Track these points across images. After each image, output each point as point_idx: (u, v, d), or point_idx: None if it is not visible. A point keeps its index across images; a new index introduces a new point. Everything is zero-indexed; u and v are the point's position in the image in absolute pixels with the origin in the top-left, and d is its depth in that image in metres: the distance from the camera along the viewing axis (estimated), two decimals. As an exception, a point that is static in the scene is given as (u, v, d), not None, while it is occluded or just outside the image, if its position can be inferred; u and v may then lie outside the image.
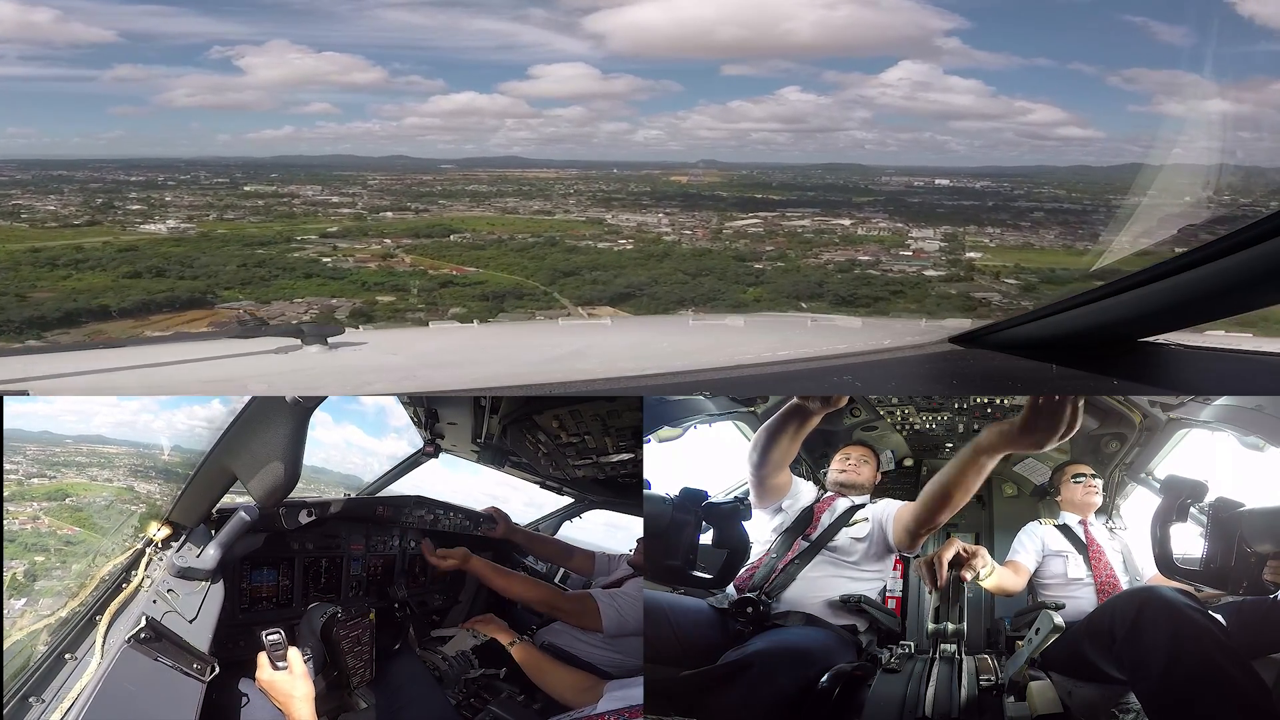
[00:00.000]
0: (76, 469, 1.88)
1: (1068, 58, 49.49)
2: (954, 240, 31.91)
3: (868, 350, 2.20)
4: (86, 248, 30.31)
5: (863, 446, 2.56)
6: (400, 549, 3.10)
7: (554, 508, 3.91)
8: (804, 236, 33.32)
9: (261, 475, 1.66)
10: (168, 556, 1.72)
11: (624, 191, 38.59)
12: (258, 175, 38.55)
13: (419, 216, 36.21)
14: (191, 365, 2.14)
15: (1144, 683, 1.63)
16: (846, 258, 31.35)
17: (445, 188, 39.44)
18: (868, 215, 34.62)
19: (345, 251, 32.30)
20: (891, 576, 2.38)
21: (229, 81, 46.84)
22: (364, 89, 52.01)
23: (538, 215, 36.82)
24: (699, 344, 2.69)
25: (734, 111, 49.65)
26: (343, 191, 37.59)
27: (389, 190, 38.50)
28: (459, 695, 2.53)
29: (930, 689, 1.89)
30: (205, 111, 54.14)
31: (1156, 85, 37.56)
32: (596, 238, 33.83)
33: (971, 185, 37.40)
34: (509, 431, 2.97)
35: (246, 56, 45.26)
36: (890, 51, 50.56)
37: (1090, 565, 2.33)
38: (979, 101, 45.19)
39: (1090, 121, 48.95)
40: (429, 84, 48.57)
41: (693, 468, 2.39)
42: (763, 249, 32.45)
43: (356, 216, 35.74)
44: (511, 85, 55.82)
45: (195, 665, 1.54)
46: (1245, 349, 2.08)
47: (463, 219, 36.09)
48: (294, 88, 51.66)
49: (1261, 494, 1.99)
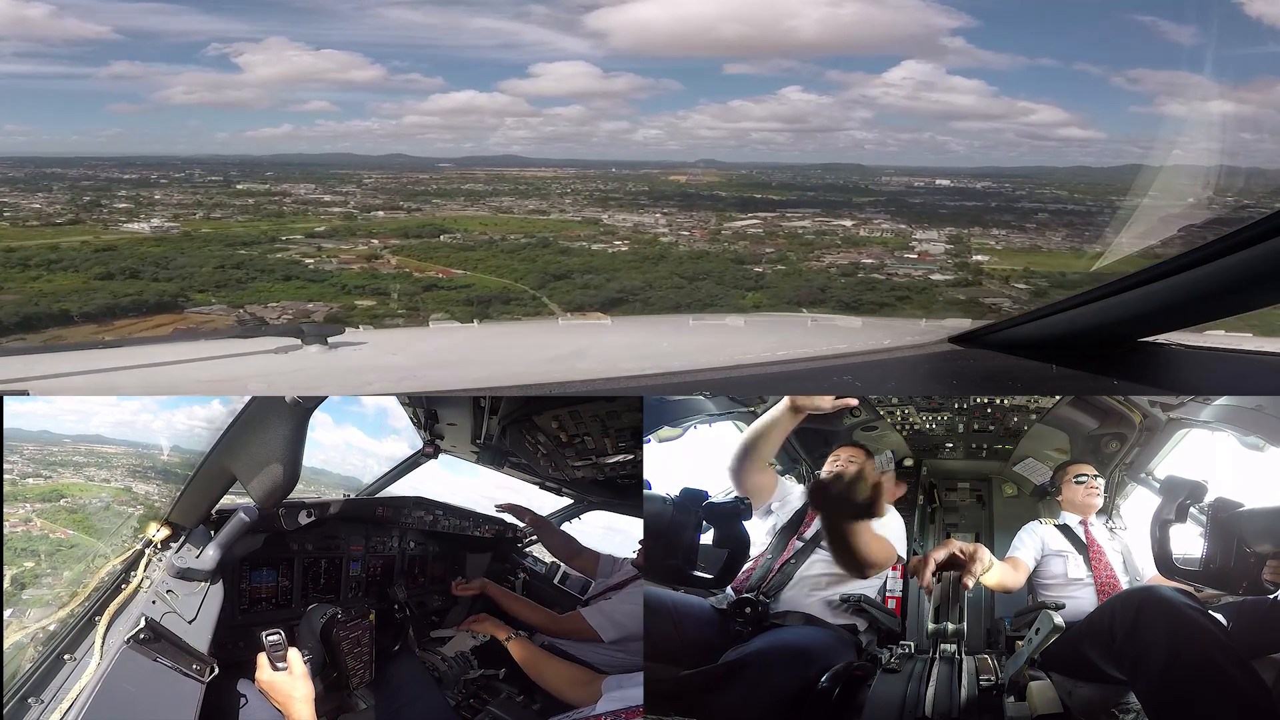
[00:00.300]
0: (74, 469, 1.88)
1: (1073, 58, 49.00)
2: (959, 242, 31.13)
3: (867, 350, 2.20)
4: (63, 247, 29.67)
5: (853, 447, 2.56)
6: (400, 550, 3.10)
7: (553, 509, 3.91)
8: (804, 238, 32.63)
9: (261, 476, 1.66)
10: (167, 557, 1.72)
11: (621, 191, 37.99)
12: (253, 173, 38.04)
13: (411, 216, 35.68)
14: (191, 365, 2.14)
15: (1143, 682, 1.63)
16: (849, 260, 30.60)
17: (440, 186, 38.93)
18: (869, 216, 34.01)
19: (330, 252, 31.61)
20: (891, 576, 2.38)
21: (227, 79, 46.12)
22: (362, 87, 51.64)
23: (533, 215, 36.21)
24: (699, 344, 2.68)
25: (735, 111, 49.38)
26: (336, 190, 37.02)
27: (384, 189, 38.03)
28: (458, 696, 2.54)
29: (930, 689, 1.89)
30: (203, 109, 53.80)
31: (1160, 86, 37.28)
32: (591, 239, 33.16)
33: (973, 186, 36.95)
34: (508, 432, 2.97)
35: (245, 54, 44.63)
36: (895, 50, 50.00)
37: (1090, 565, 2.33)
38: (981, 101, 44.93)
39: (1091, 122, 48.64)
40: (428, 81, 48.12)
41: (693, 468, 2.39)
42: (762, 250, 31.75)
43: (347, 215, 35.13)
44: (511, 84, 55.32)
45: (194, 666, 1.54)
46: (1245, 349, 2.08)
47: (455, 218, 35.53)
48: (292, 85, 51.07)
49: (1262, 494, 1.99)
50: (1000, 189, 36.10)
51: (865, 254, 30.88)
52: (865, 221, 33.52)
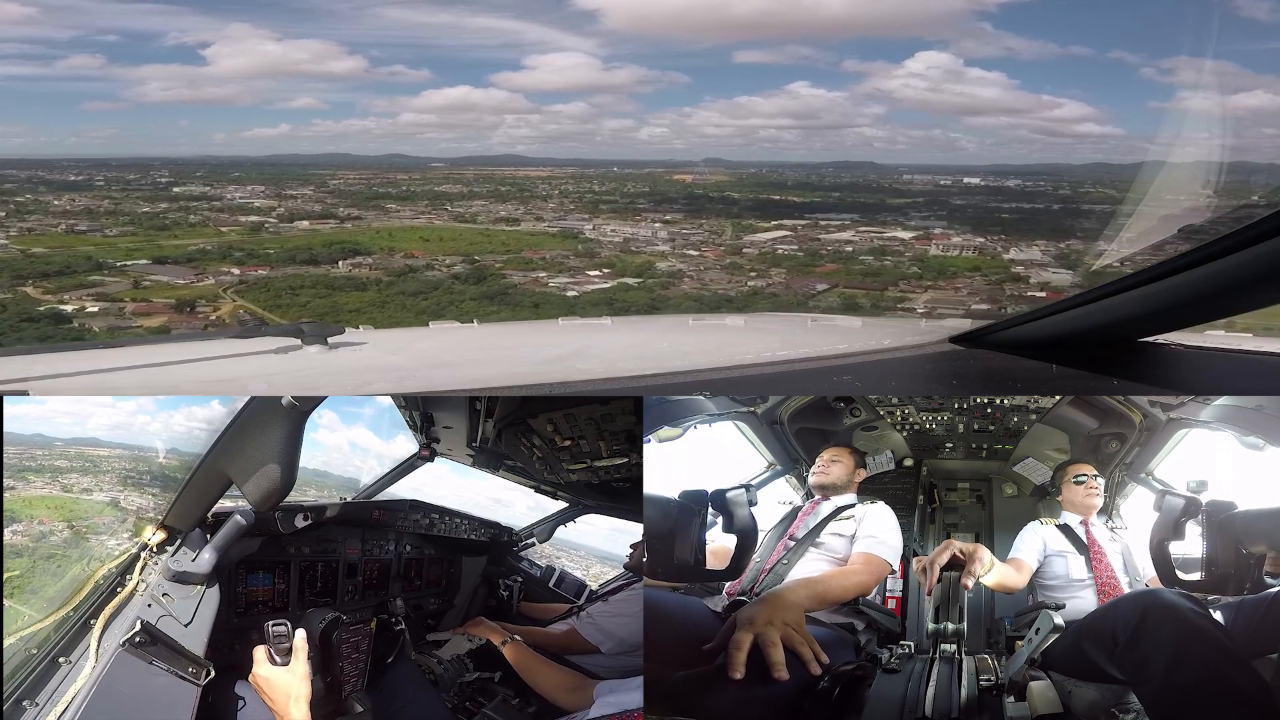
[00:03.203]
0: (71, 471, 1.87)
1: (1108, 46, 45.25)
2: (1066, 259, 21.71)
3: (868, 350, 2.20)
4: None
5: (838, 448, 2.55)
6: (396, 553, 3.09)
7: (548, 512, 3.90)
8: (858, 257, 23.93)
9: (257, 479, 1.65)
10: (163, 560, 1.71)
11: (618, 193, 32.80)
12: (213, 176, 33.96)
13: (337, 229, 30.14)
14: (191, 365, 2.13)
15: (1146, 685, 1.63)
16: (951, 301, 18.62)
17: (411, 189, 33.89)
18: (920, 223, 26.34)
19: (151, 291, 24.76)
20: (891, 576, 2.38)
21: (197, 73, 43.63)
22: (344, 79, 49.51)
23: (499, 224, 29.92)
24: (699, 344, 2.68)
25: (742, 107, 47.65)
26: (285, 194, 32.64)
27: (342, 192, 33.14)
28: (454, 699, 2.52)
29: (930, 689, 1.88)
30: (183, 107, 51.99)
31: (1196, 77, 35.07)
32: (556, 264, 25.24)
33: (1004, 184, 31.30)
34: (504, 435, 2.96)
35: (213, 46, 41.73)
36: (917, 33, 47.38)
37: (1091, 566, 2.33)
38: (1006, 95, 41.63)
39: (1112, 117, 45.76)
40: (414, 74, 46.04)
41: (693, 468, 2.38)
42: (810, 285, 21.74)
43: (253, 229, 29.96)
44: (505, 77, 53.52)
45: (190, 669, 1.52)
46: (1245, 349, 2.08)
47: (391, 231, 29.39)
48: (267, 78, 48.94)
49: (1261, 494, 2.00)
50: (1038, 187, 30.53)
51: (964, 288, 19.26)
52: (925, 234, 25.29)
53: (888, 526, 2.32)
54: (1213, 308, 1.78)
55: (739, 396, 2.50)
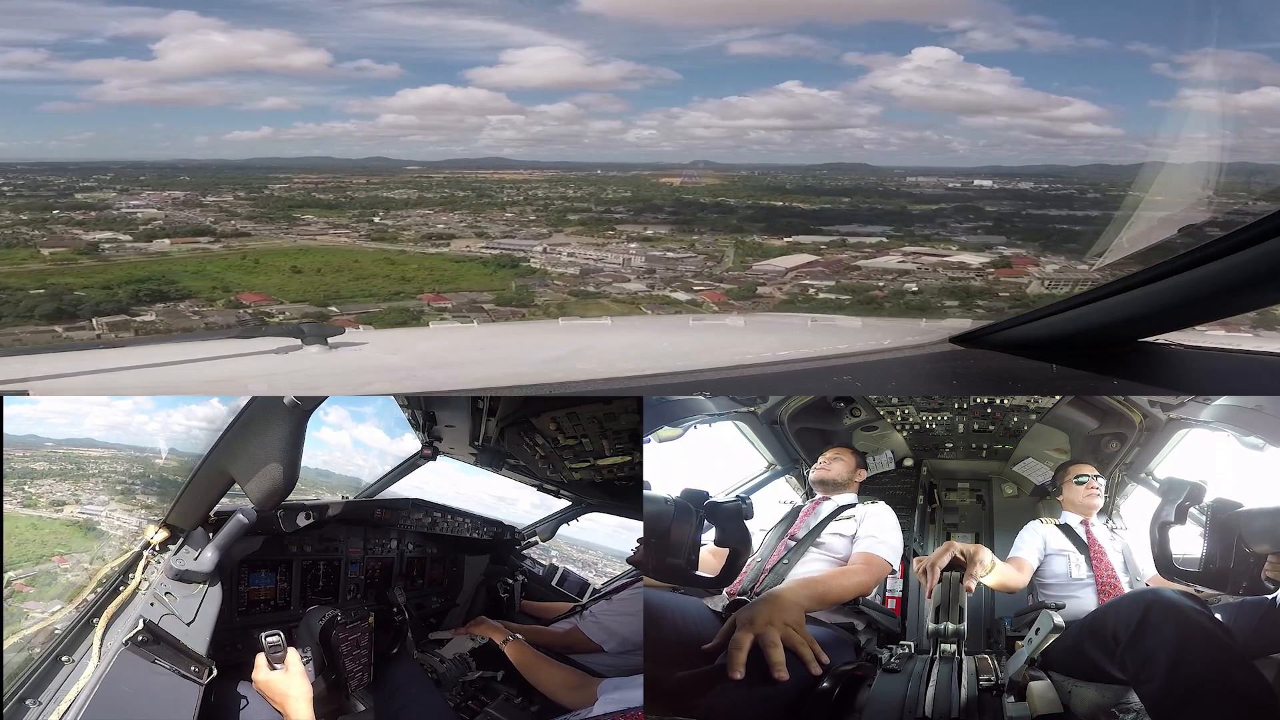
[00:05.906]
0: (72, 471, 1.87)
1: (1127, 37, 39.00)
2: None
3: (868, 350, 2.20)
4: None
5: (838, 447, 2.56)
6: (398, 552, 3.09)
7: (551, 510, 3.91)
8: (936, 303, 15.47)
9: (259, 478, 1.65)
10: (165, 559, 1.72)
11: (594, 199, 26.97)
12: (142, 182, 29.13)
13: (195, 250, 24.22)
14: (192, 365, 2.14)
15: (1147, 684, 1.62)
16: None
17: (357, 194, 29.03)
18: (969, 237, 20.87)
19: None
20: (891, 576, 2.38)
21: (143, 67, 38.75)
22: (305, 74, 46.36)
23: (421, 244, 22.86)
24: (699, 344, 2.68)
25: (733, 107, 46.16)
26: (184, 201, 27.98)
27: (267, 200, 28.45)
28: (457, 697, 2.53)
29: (930, 689, 1.88)
30: (144, 108, 49.09)
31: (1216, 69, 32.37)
32: (458, 314, 16.33)
33: (1020, 186, 28.21)
34: (506, 434, 2.97)
35: (162, 39, 36.12)
36: (934, 18, 44.55)
37: (1091, 565, 2.33)
38: (1010, 92, 38.92)
39: (1113, 117, 43.16)
40: (382, 69, 43.22)
41: (693, 468, 2.39)
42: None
43: (88, 248, 24.71)
44: (481, 73, 51.27)
45: (193, 668, 1.53)
46: (1245, 349, 2.08)
47: (258, 257, 22.46)
48: (225, 74, 45.27)
49: (1261, 494, 1.99)
50: (1055, 190, 27.74)
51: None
52: (1001, 257, 18.29)
53: (888, 526, 2.32)
54: (1213, 308, 1.78)
55: (739, 396, 2.50)
